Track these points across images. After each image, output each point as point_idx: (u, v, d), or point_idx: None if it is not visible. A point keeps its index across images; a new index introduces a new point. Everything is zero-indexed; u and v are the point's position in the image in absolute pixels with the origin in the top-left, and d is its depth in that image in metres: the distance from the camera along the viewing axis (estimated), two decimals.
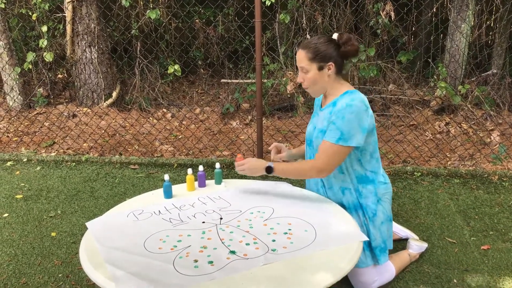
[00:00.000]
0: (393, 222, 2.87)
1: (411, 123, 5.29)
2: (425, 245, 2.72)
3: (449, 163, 4.23)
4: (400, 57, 5.84)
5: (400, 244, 2.75)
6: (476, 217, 3.21)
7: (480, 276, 2.51)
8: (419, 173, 3.99)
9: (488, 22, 5.88)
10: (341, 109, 2.10)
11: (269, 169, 2.19)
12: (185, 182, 2.49)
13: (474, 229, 3.03)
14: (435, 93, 5.40)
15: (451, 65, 5.64)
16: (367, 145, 2.21)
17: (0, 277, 2.60)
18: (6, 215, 3.40)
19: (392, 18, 5.43)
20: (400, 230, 2.85)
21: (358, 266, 2.31)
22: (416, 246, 2.67)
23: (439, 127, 5.12)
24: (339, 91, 2.22)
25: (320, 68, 2.16)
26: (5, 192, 3.83)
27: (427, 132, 5.04)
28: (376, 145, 2.28)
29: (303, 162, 2.25)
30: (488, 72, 5.86)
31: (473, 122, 5.13)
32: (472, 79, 5.79)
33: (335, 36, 2.19)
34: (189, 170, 2.49)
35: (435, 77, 5.61)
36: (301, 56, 2.17)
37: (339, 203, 2.32)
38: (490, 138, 4.67)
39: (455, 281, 2.48)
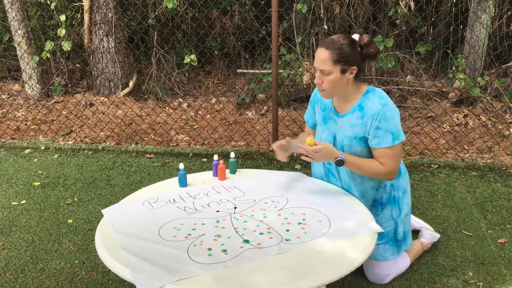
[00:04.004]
0: None
1: (428, 114, 5.23)
2: (437, 235, 2.70)
3: (466, 155, 4.18)
4: (418, 48, 5.76)
5: (414, 235, 2.73)
6: (494, 210, 3.17)
7: (497, 270, 2.48)
8: (436, 165, 3.95)
9: (509, 13, 5.76)
10: (379, 112, 2.03)
11: (339, 162, 2.04)
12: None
13: (491, 222, 3.00)
14: (454, 85, 5.32)
15: (470, 56, 5.55)
16: None
17: (17, 263, 2.65)
18: (24, 201, 3.46)
19: (411, 8, 5.36)
20: (416, 222, 2.83)
21: (376, 259, 2.30)
22: (429, 235, 2.66)
23: (457, 119, 5.05)
24: (359, 93, 2.13)
25: (343, 72, 2.02)
26: (23, 179, 3.89)
27: (445, 124, 4.98)
28: None
29: (374, 162, 2.11)
30: (508, 64, 5.76)
31: (492, 115, 5.05)
32: (491, 71, 5.70)
33: (356, 37, 2.06)
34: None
35: (453, 68, 5.53)
36: (324, 57, 2.00)
37: (371, 199, 2.28)
38: (509, 131, 4.60)
39: (470, 274, 2.45)
